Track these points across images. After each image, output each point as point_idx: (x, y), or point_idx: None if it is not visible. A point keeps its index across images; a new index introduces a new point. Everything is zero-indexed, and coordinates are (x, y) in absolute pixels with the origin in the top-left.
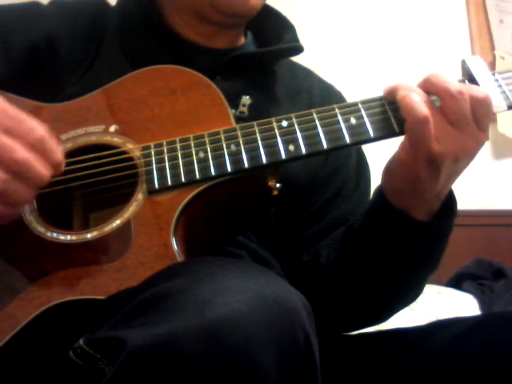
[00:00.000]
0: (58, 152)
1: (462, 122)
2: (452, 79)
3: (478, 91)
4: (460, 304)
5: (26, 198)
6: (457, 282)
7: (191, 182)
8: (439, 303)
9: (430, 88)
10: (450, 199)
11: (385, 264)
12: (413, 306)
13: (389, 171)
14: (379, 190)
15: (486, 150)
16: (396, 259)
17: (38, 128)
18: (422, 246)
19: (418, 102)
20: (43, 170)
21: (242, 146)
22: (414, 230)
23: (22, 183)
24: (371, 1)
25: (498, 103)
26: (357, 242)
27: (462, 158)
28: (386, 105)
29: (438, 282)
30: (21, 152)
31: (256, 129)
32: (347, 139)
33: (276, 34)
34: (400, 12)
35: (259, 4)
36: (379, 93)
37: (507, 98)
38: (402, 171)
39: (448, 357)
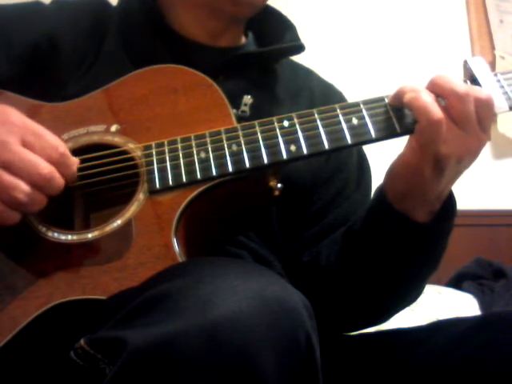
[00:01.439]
0: (75, 164)
1: (467, 122)
2: (457, 80)
3: (481, 92)
4: (460, 304)
5: (41, 206)
6: (457, 282)
7: (192, 182)
8: (439, 303)
9: (436, 89)
10: (450, 199)
11: (385, 265)
12: (413, 306)
13: (392, 173)
14: (380, 191)
15: (485, 149)
16: (396, 260)
17: (59, 144)
18: (423, 247)
19: (432, 103)
20: (62, 182)
21: (243, 145)
22: (415, 232)
23: (42, 194)
24: (372, 1)
25: (499, 104)
26: (357, 243)
27: (465, 159)
28: (388, 105)
29: (438, 282)
30: (47, 167)
31: (257, 129)
32: (349, 140)
33: (277, 34)
34: (400, 12)
35: None
36: (380, 93)
37: (509, 98)
38: (406, 173)
39: (448, 357)
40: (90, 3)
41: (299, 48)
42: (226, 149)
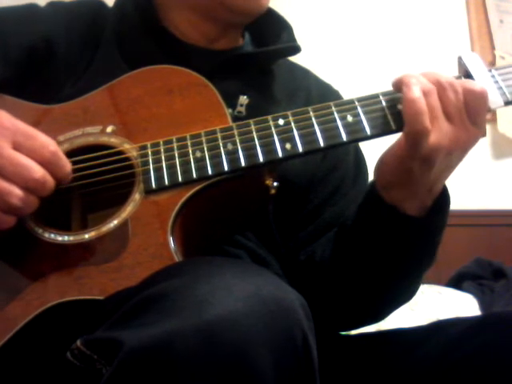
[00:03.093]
0: (68, 164)
1: (454, 114)
2: (444, 74)
3: (473, 85)
4: (460, 304)
5: (34, 208)
6: (457, 282)
7: (188, 182)
8: (439, 303)
9: None
10: (444, 196)
11: (378, 260)
12: (413, 306)
13: (381, 164)
14: (371, 184)
15: (486, 150)
16: (389, 255)
17: (50, 143)
18: (414, 241)
19: (419, 97)
20: (53, 183)
21: (238, 144)
22: (405, 225)
23: (34, 197)
24: (370, 0)
25: (494, 99)
26: (349, 238)
27: (454, 152)
28: (383, 102)
29: (438, 282)
30: (39, 171)
31: (252, 127)
32: (344, 137)
33: (273, 34)
34: (399, 12)
35: (268, 2)
36: None
37: (504, 93)
38: (394, 164)
39: (448, 357)
40: (86, 5)
41: (295, 49)
42: (222, 148)
